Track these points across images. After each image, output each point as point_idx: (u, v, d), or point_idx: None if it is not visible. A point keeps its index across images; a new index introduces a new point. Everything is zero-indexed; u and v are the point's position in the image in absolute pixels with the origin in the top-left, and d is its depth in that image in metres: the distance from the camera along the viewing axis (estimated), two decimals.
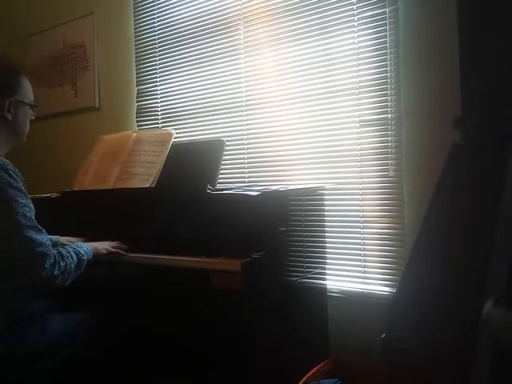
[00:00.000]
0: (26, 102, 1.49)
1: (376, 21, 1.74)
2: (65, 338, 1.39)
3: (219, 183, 1.73)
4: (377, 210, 1.78)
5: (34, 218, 1.31)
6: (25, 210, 1.28)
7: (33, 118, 1.53)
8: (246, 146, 2.09)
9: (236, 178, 2.11)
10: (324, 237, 1.78)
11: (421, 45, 1.67)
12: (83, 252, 1.43)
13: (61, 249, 1.36)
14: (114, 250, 1.59)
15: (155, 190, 1.74)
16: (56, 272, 1.29)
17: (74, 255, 1.38)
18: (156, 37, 2.41)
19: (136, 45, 2.50)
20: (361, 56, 1.79)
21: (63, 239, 1.70)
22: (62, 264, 1.31)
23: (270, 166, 2.03)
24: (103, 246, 1.57)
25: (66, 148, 2.77)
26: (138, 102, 2.51)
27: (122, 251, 1.61)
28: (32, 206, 1.33)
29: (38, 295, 1.47)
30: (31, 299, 1.44)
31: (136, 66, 2.50)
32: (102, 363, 1.49)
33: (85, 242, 1.59)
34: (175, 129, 2.14)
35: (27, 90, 1.50)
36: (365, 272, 1.81)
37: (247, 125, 2.09)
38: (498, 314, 0.76)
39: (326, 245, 1.79)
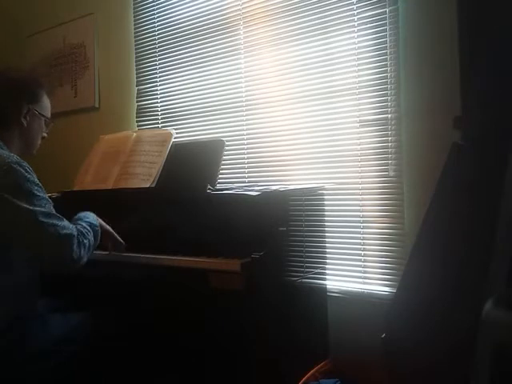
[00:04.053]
0: (43, 114, 1.49)
1: (376, 21, 1.74)
2: (65, 337, 1.39)
3: (219, 183, 1.73)
4: (377, 210, 1.78)
5: (52, 208, 1.31)
6: (42, 202, 1.28)
7: (45, 135, 1.54)
8: (246, 146, 2.09)
9: (236, 177, 2.11)
10: (324, 237, 1.78)
11: (421, 45, 1.67)
12: (94, 221, 1.43)
13: (78, 226, 1.35)
14: (116, 236, 1.58)
15: (155, 190, 1.74)
16: (82, 252, 1.30)
17: (89, 229, 1.38)
18: (156, 37, 2.41)
19: (136, 45, 2.50)
20: (361, 56, 1.79)
21: None
22: (85, 242, 1.31)
23: (270, 165, 2.02)
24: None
25: (66, 148, 2.77)
26: (138, 102, 2.51)
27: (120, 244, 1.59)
28: (49, 200, 1.32)
29: (39, 295, 1.47)
30: (32, 299, 1.43)
31: (136, 66, 2.50)
32: (102, 363, 1.49)
33: None
34: (175, 129, 2.14)
35: (46, 105, 1.52)
36: (365, 272, 1.81)
37: (247, 125, 2.09)
38: (497, 314, 0.76)
39: (326, 245, 1.79)
